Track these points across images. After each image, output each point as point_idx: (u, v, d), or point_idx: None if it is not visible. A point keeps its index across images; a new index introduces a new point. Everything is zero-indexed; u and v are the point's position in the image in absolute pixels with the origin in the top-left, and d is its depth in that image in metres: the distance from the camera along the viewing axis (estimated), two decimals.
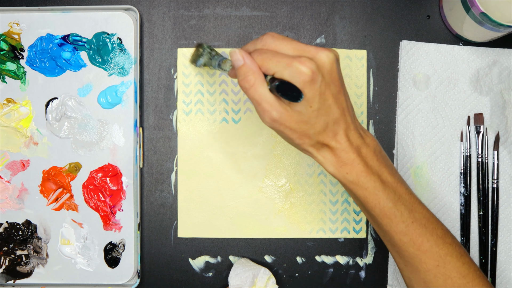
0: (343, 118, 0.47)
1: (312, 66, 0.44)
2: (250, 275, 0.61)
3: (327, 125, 0.46)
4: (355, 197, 0.50)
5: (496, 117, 0.63)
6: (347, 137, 0.47)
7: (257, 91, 0.45)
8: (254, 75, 0.45)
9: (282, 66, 0.44)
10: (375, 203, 0.48)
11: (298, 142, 0.47)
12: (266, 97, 0.45)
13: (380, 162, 0.49)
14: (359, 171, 0.48)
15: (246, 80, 0.45)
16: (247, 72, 0.45)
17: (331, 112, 0.46)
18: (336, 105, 0.46)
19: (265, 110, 0.45)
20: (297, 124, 0.46)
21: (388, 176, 0.49)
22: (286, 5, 0.64)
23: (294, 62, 0.44)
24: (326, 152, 0.48)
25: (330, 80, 0.45)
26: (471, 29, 0.59)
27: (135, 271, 0.63)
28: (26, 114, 0.64)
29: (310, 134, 0.46)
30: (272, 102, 0.45)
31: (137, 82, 0.63)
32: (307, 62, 0.44)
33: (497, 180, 0.63)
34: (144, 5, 0.64)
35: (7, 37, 0.63)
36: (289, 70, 0.44)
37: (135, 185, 0.63)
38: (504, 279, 0.63)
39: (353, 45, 0.64)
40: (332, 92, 0.46)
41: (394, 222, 0.49)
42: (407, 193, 0.50)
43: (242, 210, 0.64)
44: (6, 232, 0.64)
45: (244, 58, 0.46)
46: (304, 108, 0.45)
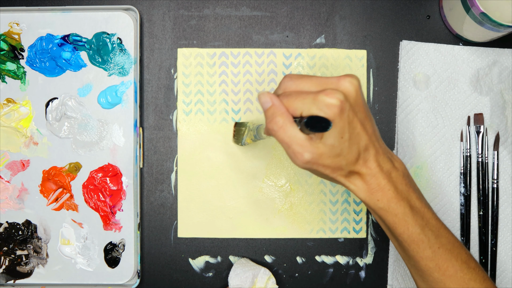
0: (372, 144, 0.46)
1: (339, 96, 0.43)
2: (250, 275, 0.61)
3: (359, 154, 0.46)
4: (383, 223, 0.50)
5: (496, 117, 0.63)
6: (377, 163, 0.46)
7: (287, 133, 0.44)
8: (282, 116, 0.44)
9: (308, 103, 0.43)
10: (403, 229, 0.48)
11: (332, 176, 0.46)
12: (296, 138, 0.44)
13: (409, 187, 0.48)
14: (390, 197, 0.47)
15: (275, 122, 0.44)
16: (275, 113, 0.44)
17: (361, 140, 0.45)
18: (364, 131, 0.45)
19: (296, 152, 0.44)
20: (330, 159, 0.45)
21: (417, 201, 0.49)
22: (286, 5, 0.64)
23: (320, 95, 0.43)
24: (356, 179, 0.47)
25: (356, 107, 0.45)
26: (471, 29, 0.59)
27: (135, 271, 0.63)
28: (26, 114, 0.64)
29: (343, 166, 0.46)
30: (303, 143, 0.44)
31: (137, 82, 0.63)
32: (333, 93, 0.43)
33: (497, 180, 0.63)
34: (144, 5, 0.64)
35: (7, 37, 0.63)
36: (317, 104, 0.43)
37: (135, 185, 0.63)
38: (504, 279, 0.63)
39: (353, 45, 0.64)
40: (359, 119, 0.45)
41: (421, 248, 0.48)
42: (433, 218, 0.49)
43: (242, 210, 0.64)
44: (6, 232, 0.64)
45: (272, 99, 0.45)
46: (336, 140, 0.44)
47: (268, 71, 0.64)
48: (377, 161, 0.47)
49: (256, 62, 0.64)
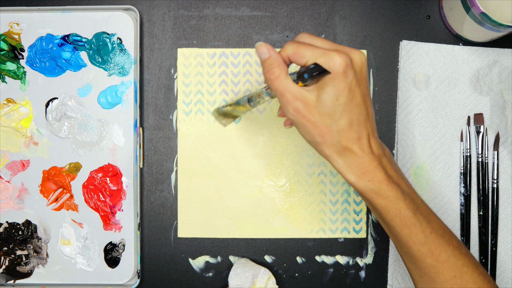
0: (368, 122, 0.46)
1: (347, 59, 0.44)
2: (250, 275, 0.61)
3: (351, 124, 0.45)
4: (373, 208, 0.49)
5: (496, 117, 0.63)
6: (369, 144, 0.46)
7: (282, 82, 0.45)
8: (279, 67, 0.45)
9: (318, 54, 0.44)
10: (396, 213, 0.47)
11: (319, 140, 0.46)
12: (290, 88, 0.45)
13: (398, 173, 0.49)
14: (381, 179, 0.46)
15: (272, 72, 0.45)
16: (272, 64, 0.46)
17: (357, 112, 0.45)
18: (364, 105, 0.46)
19: (289, 100, 0.45)
20: (320, 117, 0.45)
21: (406, 186, 0.48)
22: (286, 5, 0.64)
23: (330, 52, 0.44)
24: (348, 157, 0.46)
25: (361, 79, 0.45)
26: (471, 29, 0.59)
27: (135, 271, 0.63)
28: (26, 114, 0.64)
29: (333, 131, 0.45)
30: (296, 93, 0.45)
31: (137, 82, 0.63)
32: (343, 55, 0.44)
33: (497, 180, 0.63)
34: (144, 5, 0.64)
35: (7, 37, 0.63)
36: (324, 57, 0.44)
37: (135, 185, 0.63)
38: (504, 279, 0.63)
39: (353, 45, 0.64)
40: (361, 91, 0.45)
41: (413, 232, 0.48)
42: (423, 203, 0.49)
43: (242, 210, 0.64)
44: (6, 232, 0.64)
45: (269, 51, 0.46)
46: (330, 99, 0.44)
47: None
48: (369, 142, 0.47)
49: (256, 62, 0.64)
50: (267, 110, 0.64)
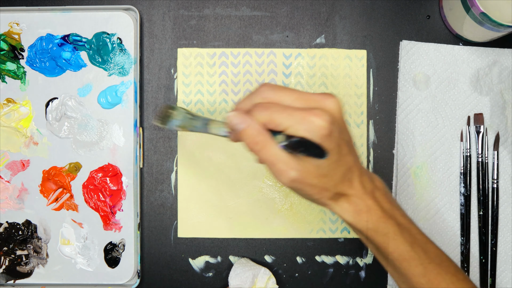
0: (356, 165, 0.46)
1: (328, 117, 0.41)
2: (250, 275, 0.61)
3: (344, 175, 0.45)
4: (371, 244, 0.49)
5: (496, 117, 0.63)
6: (361, 184, 0.46)
7: (269, 152, 0.42)
8: (261, 135, 0.42)
9: (296, 121, 0.41)
10: (394, 248, 0.47)
11: (317, 197, 0.45)
12: (280, 157, 0.42)
13: (392, 205, 0.48)
14: (378, 217, 0.46)
15: (255, 142, 0.42)
16: (254, 134, 0.42)
17: (347, 161, 0.45)
18: (350, 152, 0.45)
19: (282, 170, 0.42)
20: (317, 179, 0.43)
21: (402, 218, 0.48)
22: (286, 5, 0.64)
23: (309, 116, 0.41)
24: (343, 202, 0.46)
25: (342, 128, 0.44)
26: (471, 29, 0.59)
27: (135, 271, 0.63)
28: (26, 114, 0.64)
29: (329, 187, 0.44)
30: (288, 161, 0.42)
31: (137, 82, 0.63)
32: (322, 114, 0.41)
33: (497, 180, 0.63)
34: (144, 5, 0.64)
35: (7, 37, 0.63)
36: (305, 124, 0.41)
37: (135, 185, 0.63)
38: (504, 279, 0.63)
39: (353, 45, 0.64)
40: (345, 140, 0.44)
41: (412, 265, 0.48)
42: (419, 233, 0.49)
43: (242, 210, 0.64)
44: (6, 232, 0.64)
45: (245, 120, 0.42)
46: (324, 161, 0.43)
47: (268, 71, 0.64)
48: (361, 182, 0.46)
49: (256, 62, 0.64)
50: None
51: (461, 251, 0.63)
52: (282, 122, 0.41)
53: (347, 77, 0.64)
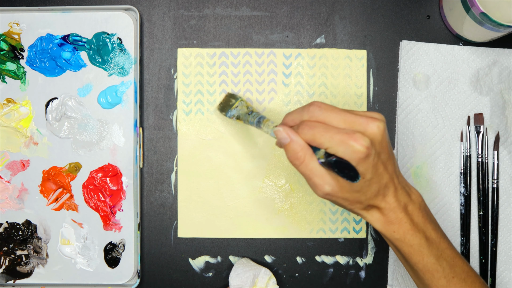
0: (391, 182, 0.48)
1: (366, 143, 0.44)
2: (250, 276, 0.61)
3: (378, 191, 0.47)
4: (398, 252, 0.51)
5: (496, 117, 0.63)
6: (395, 198, 0.48)
7: (308, 167, 0.45)
8: (303, 150, 0.45)
9: (335, 143, 0.44)
10: (419, 259, 0.49)
11: (350, 208, 0.48)
12: (317, 172, 0.45)
13: (425, 219, 0.50)
14: (406, 229, 0.49)
15: (296, 157, 0.46)
16: (296, 149, 0.45)
17: (382, 179, 0.47)
18: (386, 171, 0.47)
19: (317, 184, 0.46)
20: (349, 194, 0.46)
21: (432, 232, 0.50)
22: (286, 5, 0.64)
23: (349, 140, 0.43)
24: (374, 212, 0.49)
25: (381, 149, 0.46)
26: (471, 29, 0.59)
27: (135, 271, 0.63)
28: (26, 114, 0.64)
29: (362, 200, 0.47)
30: (323, 176, 0.45)
31: (137, 82, 0.63)
32: (361, 139, 0.43)
33: (497, 180, 0.63)
34: (144, 5, 0.64)
35: (7, 37, 0.63)
36: (344, 147, 0.43)
37: (135, 185, 0.63)
38: (504, 279, 0.63)
39: (353, 45, 0.64)
40: (382, 160, 0.46)
41: (435, 277, 0.49)
42: (449, 247, 0.51)
43: (242, 210, 0.64)
44: (6, 232, 0.64)
45: (290, 136, 0.46)
46: None
47: (268, 71, 0.64)
48: (395, 196, 0.48)
49: (256, 62, 0.64)
50: (266, 110, 0.64)
51: (461, 251, 0.63)
52: (323, 142, 0.44)
53: (347, 77, 0.64)
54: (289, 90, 0.64)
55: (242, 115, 0.57)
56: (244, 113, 0.56)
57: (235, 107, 0.57)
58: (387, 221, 0.48)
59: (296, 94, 0.64)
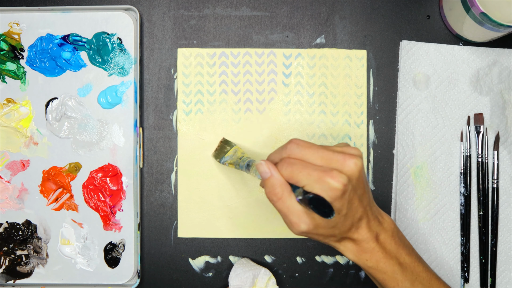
0: (365, 214, 0.48)
1: (343, 180, 0.44)
2: (250, 276, 0.61)
3: (352, 224, 0.48)
4: (374, 279, 0.52)
5: (496, 117, 0.63)
6: (368, 229, 0.49)
7: (285, 204, 0.46)
8: (281, 187, 0.46)
9: (312, 180, 0.44)
10: (393, 285, 0.50)
11: (323, 241, 0.49)
12: (294, 210, 0.46)
13: (398, 245, 0.50)
14: (379, 258, 0.49)
15: (274, 193, 0.46)
16: (275, 185, 0.46)
17: (356, 213, 0.47)
18: (360, 204, 0.47)
19: (293, 222, 0.46)
20: (325, 230, 0.47)
21: (406, 257, 0.50)
22: (286, 5, 0.64)
23: (325, 177, 0.44)
24: (347, 243, 0.49)
25: (357, 185, 0.46)
26: (471, 29, 0.59)
27: (135, 271, 0.63)
28: (26, 114, 0.64)
29: (336, 234, 0.48)
30: (300, 214, 0.46)
31: (137, 82, 0.63)
32: (338, 176, 0.44)
33: (497, 180, 0.63)
34: (144, 5, 0.64)
35: (7, 37, 0.63)
36: (321, 184, 0.44)
37: (135, 185, 0.63)
38: (504, 279, 0.63)
39: (353, 45, 0.64)
40: (358, 195, 0.47)
41: None
42: (424, 270, 0.51)
43: (242, 210, 0.64)
44: (6, 232, 0.64)
45: (270, 170, 0.46)
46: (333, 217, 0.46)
47: (268, 71, 0.64)
48: (368, 227, 0.49)
49: (256, 62, 0.64)
50: (267, 110, 0.64)
51: (461, 251, 0.63)
52: (301, 180, 0.45)
53: (347, 77, 0.64)
54: (289, 90, 0.64)
55: (234, 161, 0.58)
56: (236, 158, 0.58)
57: (229, 155, 0.59)
58: (360, 251, 0.49)
59: (296, 94, 0.64)
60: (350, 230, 0.48)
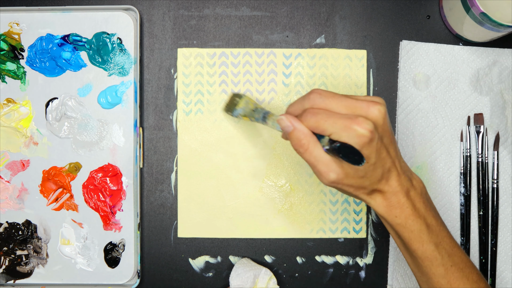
0: (394, 166, 0.48)
1: (370, 126, 0.44)
2: (251, 276, 0.61)
3: (382, 175, 0.47)
4: (398, 238, 0.51)
5: (496, 117, 0.63)
6: (398, 182, 0.48)
7: (312, 154, 0.45)
8: (306, 138, 0.45)
9: (339, 128, 0.44)
10: (418, 246, 0.49)
11: (354, 194, 0.48)
12: (322, 159, 0.45)
13: (426, 205, 0.50)
14: (408, 214, 0.48)
15: (300, 145, 0.45)
16: (300, 137, 0.45)
17: (385, 163, 0.47)
18: (388, 155, 0.47)
19: (322, 171, 0.45)
20: (354, 180, 0.46)
21: (433, 219, 0.50)
22: (286, 5, 0.64)
23: (352, 124, 0.44)
24: (377, 196, 0.49)
25: (383, 133, 0.46)
26: (471, 29, 0.59)
27: (135, 271, 0.63)
28: (26, 114, 0.64)
29: (366, 185, 0.47)
30: (328, 163, 0.45)
31: (137, 82, 0.63)
32: (364, 123, 0.44)
33: (497, 180, 0.63)
34: (144, 5, 0.64)
35: (7, 37, 0.63)
36: (348, 132, 0.44)
37: (135, 185, 0.63)
38: (504, 279, 0.63)
39: (353, 45, 0.64)
40: (385, 144, 0.46)
41: (434, 265, 0.49)
42: (448, 236, 0.51)
43: (242, 210, 0.64)
44: (6, 232, 0.64)
45: (293, 124, 0.46)
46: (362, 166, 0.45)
47: (268, 71, 0.64)
48: (398, 181, 0.48)
49: (256, 62, 0.64)
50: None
51: None
52: (327, 128, 0.44)
53: (347, 77, 0.64)
54: (289, 90, 0.64)
55: (248, 113, 0.56)
56: (250, 110, 0.56)
57: (241, 107, 0.58)
58: (390, 205, 0.48)
59: (296, 94, 0.64)
60: (381, 182, 0.47)
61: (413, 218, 0.48)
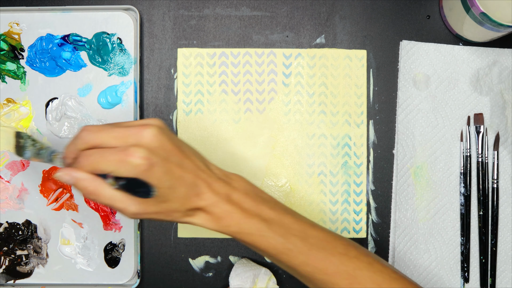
0: (199, 178, 0.46)
1: (142, 153, 0.42)
2: (251, 275, 0.61)
3: (187, 193, 0.45)
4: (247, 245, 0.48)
5: (496, 117, 0.63)
6: (212, 192, 0.46)
7: (105, 197, 0.44)
8: (91, 184, 0.43)
9: (115, 164, 0.42)
10: (266, 245, 0.47)
11: (170, 219, 0.46)
12: (115, 197, 0.44)
13: (257, 202, 0.47)
14: (238, 219, 0.46)
15: (89, 192, 0.44)
16: (85, 185, 0.43)
17: (185, 180, 0.45)
18: (185, 171, 0.45)
19: (121, 208, 0.44)
20: (158, 207, 0.45)
21: (270, 212, 0.47)
22: (286, 5, 0.64)
23: (125, 157, 0.42)
24: (199, 214, 0.46)
25: (167, 154, 0.44)
26: (471, 29, 0.59)
27: (135, 271, 0.63)
28: (26, 114, 0.64)
29: (177, 208, 0.45)
30: (123, 199, 0.44)
31: (137, 82, 0.63)
32: (136, 152, 0.42)
33: (497, 180, 0.63)
34: (144, 5, 0.64)
35: (7, 37, 0.63)
36: (124, 166, 0.42)
37: None
38: (504, 279, 0.63)
39: (353, 45, 0.64)
40: (175, 163, 0.44)
41: (291, 256, 0.47)
42: (295, 221, 0.48)
43: None
44: (6, 232, 0.64)
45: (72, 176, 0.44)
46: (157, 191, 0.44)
47: (268, 71, 0.64)
48: (212, 191, 0.46)
49: (256, 62, 0.64)
50: (267, 110, 0.64)
51: (461, 251, 0.63)
52: (105, 168, 0.43)
53: (347, 77, 0.64)
54: (289, 90, 0.64)
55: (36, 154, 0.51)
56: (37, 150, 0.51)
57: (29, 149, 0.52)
58: (217, 218, 0.46)
59: (296, 94, 0.64)
60: (192, 200, 0.45)
61: (246, 220, 0.46)
